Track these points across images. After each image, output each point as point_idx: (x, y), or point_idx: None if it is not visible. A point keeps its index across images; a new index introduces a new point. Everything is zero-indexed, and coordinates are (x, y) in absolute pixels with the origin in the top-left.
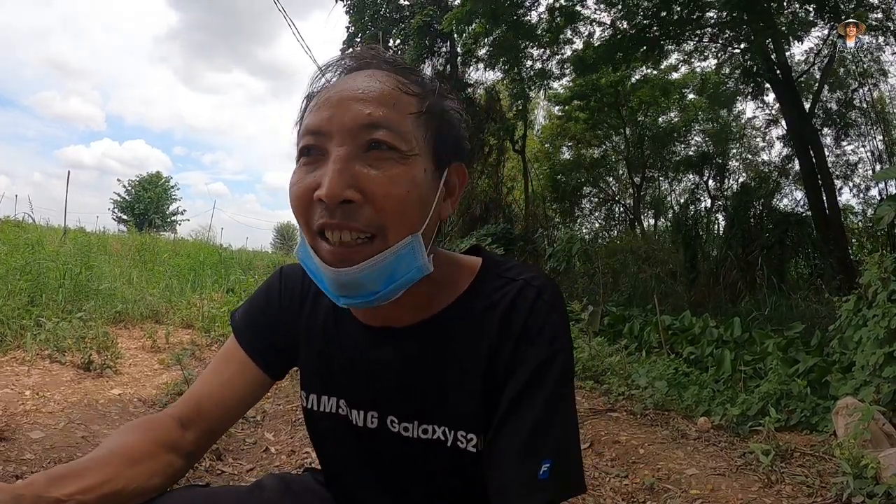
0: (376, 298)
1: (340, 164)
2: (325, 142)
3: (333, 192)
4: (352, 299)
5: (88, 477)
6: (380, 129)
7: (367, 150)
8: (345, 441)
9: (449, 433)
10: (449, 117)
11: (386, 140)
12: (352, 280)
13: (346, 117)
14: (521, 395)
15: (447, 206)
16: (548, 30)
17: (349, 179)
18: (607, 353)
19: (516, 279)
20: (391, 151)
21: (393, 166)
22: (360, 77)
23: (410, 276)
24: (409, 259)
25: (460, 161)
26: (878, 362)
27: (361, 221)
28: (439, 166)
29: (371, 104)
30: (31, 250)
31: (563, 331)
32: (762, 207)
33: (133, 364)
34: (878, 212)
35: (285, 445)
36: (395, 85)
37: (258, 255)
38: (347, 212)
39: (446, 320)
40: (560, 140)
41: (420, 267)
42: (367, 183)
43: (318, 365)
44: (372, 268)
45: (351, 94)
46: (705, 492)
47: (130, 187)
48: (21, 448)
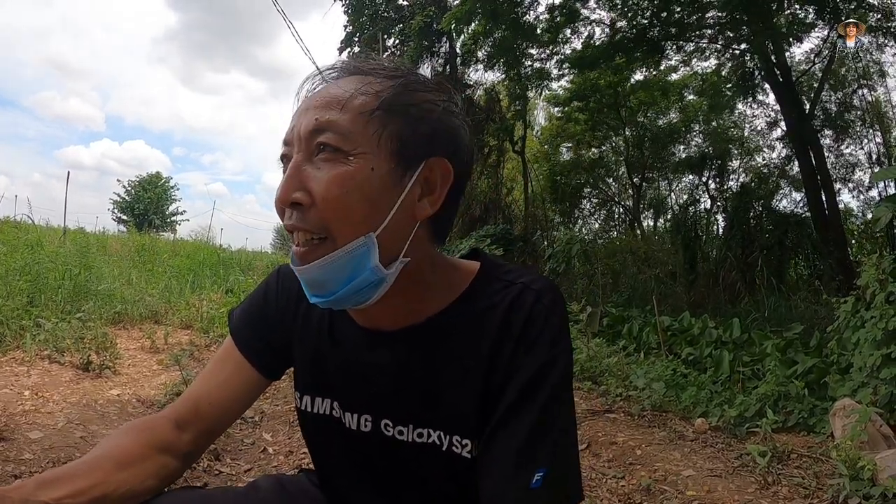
0: (335, 299)
1: (292, 170)
2: (290, 150)
3: (281, 195)
4: (319, 297)
5: (78, 480)
6: (324, 133)
7: (316, 154)
8: (338, 444)
9: (444, 437)
10: (418, 111)
11: (328, 142)
12: (311, 278)
13: (301, 126)
14: (518, 401)
15: (424, 204)
16: (547, 29)
17: (297, 183)
18: (606, 354)
19: (515, 282)
20: (335, 153)
21: (334, 167)
22: (329, 86)
23: (365, 276)
24: (363, 260)
25: (442, 155)
26: (875, 364)
27: (310, 223)
28: (404, 164)
29: (321, 109)
30: (31, 251)
31: (563, 335)
32: (762, 208)
33: (132, 364)
34: (876, 213)
35: (283, 446)
36: (353, 87)
37: (257, 255)
38: (299, 214)
39: (442, 323)
40: (559, 141)
41: (372, 269)
42: (311, 184)
43: (312, 366)
44: (324, 267)
45: (309, 102)
46: (702, 493)
47: (130, 188)
48: (20, 448)
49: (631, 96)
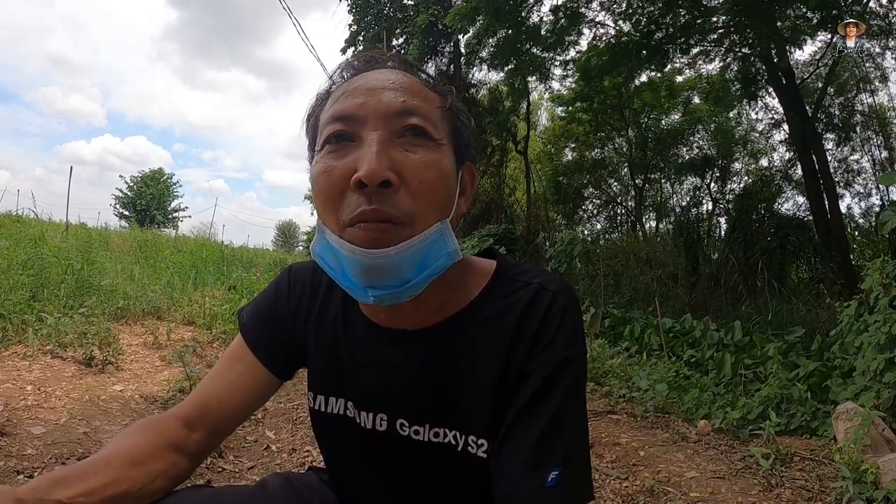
0: (407, 287)
1: (380, 147)
2: (357, 127)
3: (375, 171)
4: (381, 290)
5: (91, 479)
6: (414, 116)
7: (400, 135)
8: (352, 444)
9: (460, 437)
10: (463, 118)
11: (421, 125)
12: (385, 264)
13: (381, 104)
14: (533, 402)
15: (461, 203)
16: (552, 30)
17: (388, 161)
18: (608, 356)
19: (531, 283)
20: (425, 138)
21: (427, 152)
22: (384, 71)
23: (441, 262)
24: (439, 245)
25: (471, 162)
26: (878, 368)
27: (397, 206)
28: (458, 163)
29: (404, 93)
30: (34, 245)
31: (578, 336)
32: (764, 211)
33: (134, 360)
34: (882, 217)
35: (286, 444)
36: (420, 81)
37: (259, 252)
38: (384, 196)
39: (460, 323)
40: (563, 141)
41: (450, 253)
42: (403, 166)
43: (326, 365)
44: (406, 250)
45: (381, 83)
46: (705, 495)
47: (132, 183)
48: (22, 443)
49: (635, 98)
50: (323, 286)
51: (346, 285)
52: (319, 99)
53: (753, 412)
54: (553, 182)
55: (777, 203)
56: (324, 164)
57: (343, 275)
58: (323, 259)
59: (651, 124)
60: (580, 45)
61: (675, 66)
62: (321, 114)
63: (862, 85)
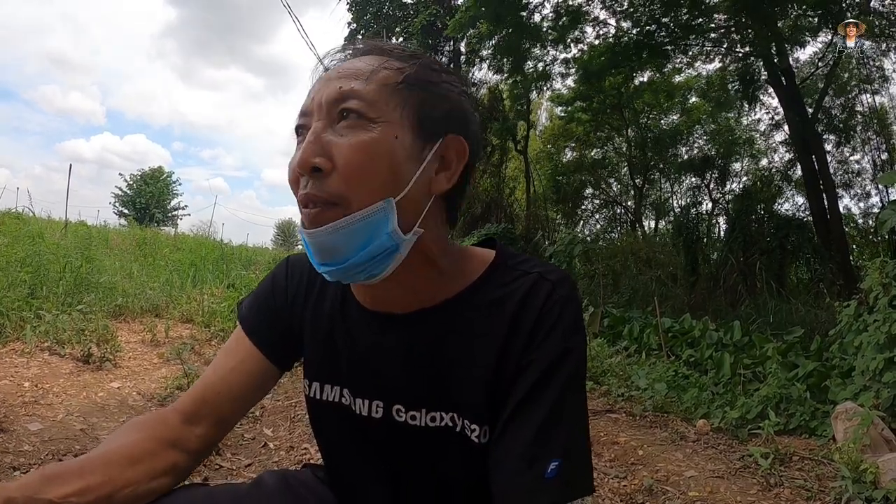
0: (350, 265)
1: (313, 136)
2: (308, 120)
3: (300, 160)
4: (329, 266)
5: (86, 477)
6: (349, 100)
7: (338, 121)
8: (347, 432)
9: (458, 419)
10: (437, 89)
11: (352, 108)
12: (322, 242)
13: (324, 94)
14: (531, 394)
15: (440, 179)
16: (553, 28)
17: (318, 149)
18: (607, 355)
19: (530, 272)
20: (358, 119)
21: (358, 133)
22: (351, 60)
23: (381, 241)
24: (380, 225)
25: (458, 134)
26: (878, 367)
27: (328, 190)
28: (423, 137)
29: (345, 79)
30: (32, 242)
31: (577, 327)
32: (763, 211)
33: (132, 357)
34: (882, 216)
35: (284, 441)
36: (377, 63)
37: (259, 251)
38: (316, 181)
39: (454, 309)
40: (562, 141)
41: (389, 233)
42: (332, 149)
43: (322, 353)
44: (338, 230)
45: (331, 74)
46: (704, 494)
47: (132, 181)
48: (19, 440)
49: (634, 98)
50: (320, 276)
51: (313, 263)
52: None
53: (752, 412)
54: (553, 182)
55: (777, 203)
56: (292, 157)
57: (309, 254)
58: (304, 242)
59: (651, 124)
60: (582, 43)
61: (675, 66)
62: None
63: (862, 85)
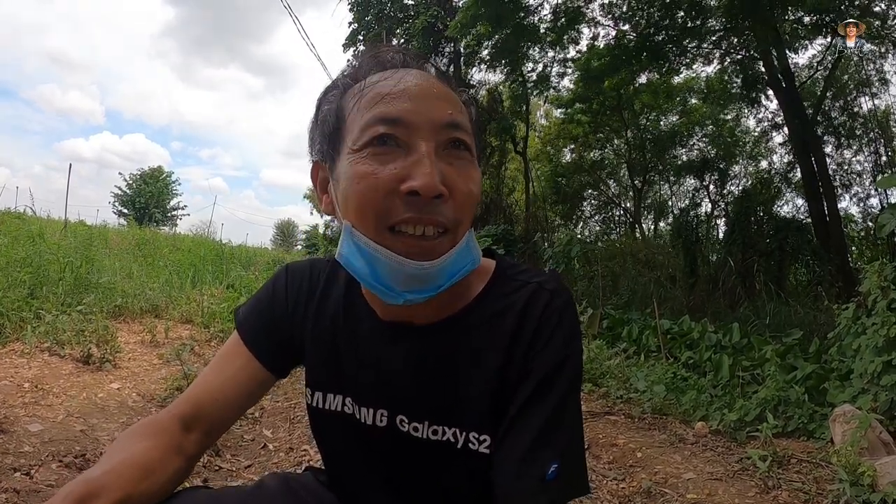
0: (438, 293)
1: (430, 161)
2: (407, 134)
3: (432, 185)
4: (418, 294)
5: (111, 493)
6: (459, 130)
7: (444, 147)
8: (350, 440)
9: (460, 434)
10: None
11: (464, 140)
12: (429, 273)
13: (434, 113)
14: (532, 399)
15: None
16: (552, 29)
17: (440, 175)
18: (606, 357)
19: (529, 282)
20: (466, 152)
21: (468, 166)
22: (423, 75)
23: (466, 269)
24: (467, 253)
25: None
26: (876, 370)
27: (446, 216)
28: None
29: (449, 104)
30: (32, 242)
31: (575, 334)
32: (762, 213)
33: (132, 358)
34: (881, 219)
35: (283, 442)
36: (448, 89)
37: (258, 251)
38: (435, 206)
39: (463, 320)
40: (561, 142)
41: (474, 259)
42: (451, 180)
43: (324, 362)
44: (447, 261)
45: (426, 90)
46: (702, 496)
47: (132, 181)
48: (19, 440)
49: (634, 99)
50: (321, 284)
51: (379, 288)
52: (345, 87)
53: (751, 414)
54: (552, 183)
55: (776, 205)
56: (367, 167)
57: (375, 278)
58: (350, 261)
59: (650, 126)
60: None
61: (674, 69)
62: (350, 105)
63: (862, 88)
